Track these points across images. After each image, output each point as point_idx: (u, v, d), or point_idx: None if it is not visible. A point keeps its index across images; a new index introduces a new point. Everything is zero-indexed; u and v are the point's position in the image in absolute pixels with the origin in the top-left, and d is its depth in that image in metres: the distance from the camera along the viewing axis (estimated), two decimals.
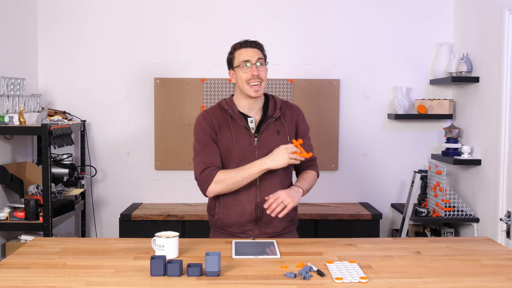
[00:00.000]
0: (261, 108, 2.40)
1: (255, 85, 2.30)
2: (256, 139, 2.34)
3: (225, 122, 2.35)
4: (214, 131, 2.34)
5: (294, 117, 2.44)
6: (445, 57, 3.87)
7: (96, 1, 3.91)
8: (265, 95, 2.45)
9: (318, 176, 2.50)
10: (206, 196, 2.34)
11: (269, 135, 2.35)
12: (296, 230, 2.50)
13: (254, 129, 2.36)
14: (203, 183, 2.28)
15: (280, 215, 2.21)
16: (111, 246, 2.12)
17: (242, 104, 2.38)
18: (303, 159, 2.24)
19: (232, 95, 2.45)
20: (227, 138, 2.33)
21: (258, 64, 2.32)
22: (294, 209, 2.43)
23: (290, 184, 2.42)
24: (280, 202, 2.20)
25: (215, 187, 2.27)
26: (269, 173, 2.29)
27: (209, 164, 2.28)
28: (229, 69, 2.41)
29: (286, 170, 2.37)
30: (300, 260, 1.91)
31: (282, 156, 2.22)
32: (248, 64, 2.30)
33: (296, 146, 2.23)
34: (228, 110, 2.36)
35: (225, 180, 2.25)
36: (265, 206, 2.21)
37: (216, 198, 2.36)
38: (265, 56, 2.38)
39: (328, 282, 1.70)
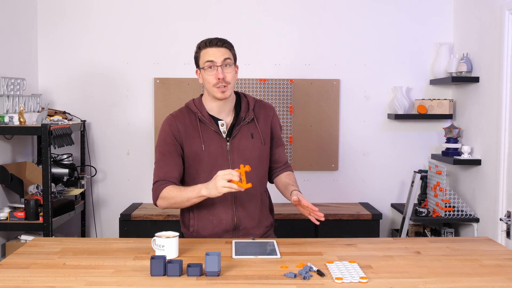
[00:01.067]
0: (232, 110, 2.27)
1: (221, 87, 2.16)
2: (228, 143, 2.22)
3: (193, 128, 2.22)
4: (179, 139, 2.21)
5: (269, 118, 2.32)
6: (445, 57, 3.87)
7: (96, 1, 3.91)
8: (237, 94, 2.32)
9: None
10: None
11: (242, 138, 2.23)
12: (273, 232, 2.42)
13: (226, 132, 2.23)
14: (153, 195, 2.21)
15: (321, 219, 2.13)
16: (111, 246, 2.11)
17: (212, 106, 2.24)
18: (239, 189, 2.00)
19: (201, 95, 2.31)
20: (196, 144, 2.20)
21: (226, 65, 2.17)
22: (272, 212, 2.39)
23: (265, 190, 2.36)
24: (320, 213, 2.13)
25: (161, 203, 2.19)
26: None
27: (161, 177, 2.19)
28: (196, 67, 2.27)
29: (261, 173, 2.28)
30: (300, 260, 1.91)
31: (215, 184, 2.01)
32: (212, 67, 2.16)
33: (240, 174, 1.99)
34: (197, 113, 2.23)
35: (168, 199, 2.15)
36: (319, 214, 2.12)
37: (190, 209, 2.25)
38: (234, 56, 2.22)
39: (328, 282, 1.70)
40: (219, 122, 2.24)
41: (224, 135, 2.23)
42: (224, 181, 1.99)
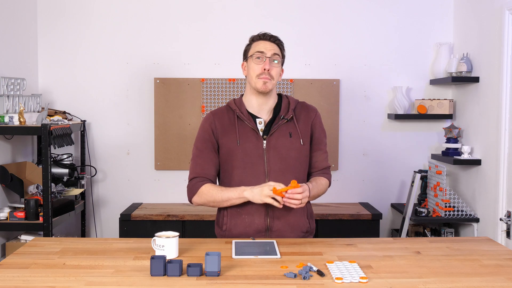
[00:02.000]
0: (272, 109, 2.25)
1: (265, 79, 2.16)
2: (265, 141, 2.20)
3: (231, 124, 2.22)
4: (216, 137, 2.23)
5: (310, 120, 2.27)
6: (445, 57, 3.87)
7: (97, 1, 3.91)
8: (279, 95, 2.31)
9: (329, 185, 2.37)
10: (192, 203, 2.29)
11: (280, 137, 2.20)
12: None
13: (263, 130, 2.21)
14: (189, 192, 2.25)
15: (287, 204, 2.05)
16: (111, 246, 2.11)
17: (252, 103, 2.23)
18: (279, 206, 2.07)
19: (242, 94, 2.32)
20: (231, 140, 2.20)
21: (274, 60, 2.19)
22: (311, 217, 2.32)
23: None
24: (300, 199, 2.04)
25: (197, 199, 2.23)
26: (281, 178, 2.14)
27: (198, 174, 2.22)
28: (243, 60, 2.29)
29: (299, 174, 2.23)
30: (300, 260, 1.91)
31: (260, 194, 2.08)
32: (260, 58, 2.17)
33: (281, 193, 2.04)
34: (235, 111, 2.23)
35: (206, 196, 2.20)
36: (288, 191, 2.03)
37: (224, 208, 2.25)
38: (283, 56, 2.25)
39: (328, 282, 1.70)
40: (257, 120, 2.23)
41: (261, 133, 2.21)
42: (267, 197, 2.06)
